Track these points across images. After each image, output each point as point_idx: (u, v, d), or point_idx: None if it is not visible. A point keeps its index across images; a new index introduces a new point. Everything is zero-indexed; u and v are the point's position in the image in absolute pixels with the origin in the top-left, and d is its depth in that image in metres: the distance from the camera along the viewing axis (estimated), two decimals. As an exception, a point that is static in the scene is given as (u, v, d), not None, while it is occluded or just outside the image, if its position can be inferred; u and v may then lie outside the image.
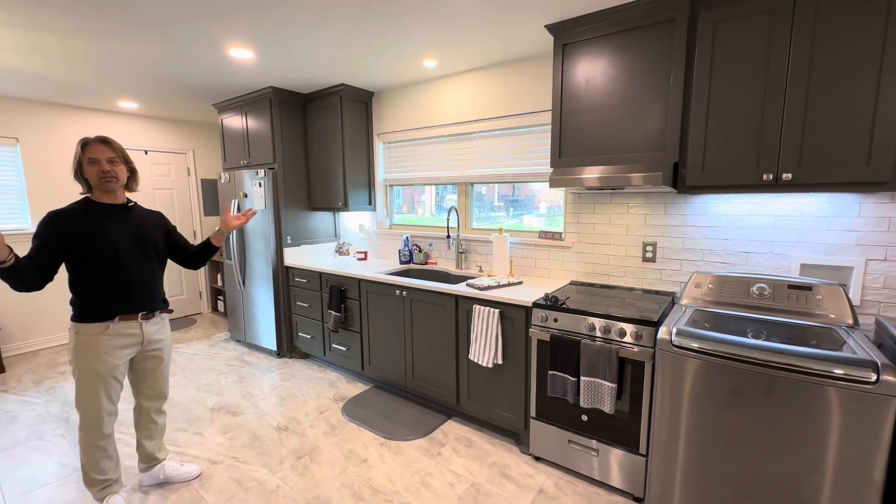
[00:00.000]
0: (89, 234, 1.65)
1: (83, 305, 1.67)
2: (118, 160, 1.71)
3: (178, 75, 3.00)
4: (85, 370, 1.68)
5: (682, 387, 1.59)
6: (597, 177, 1.97)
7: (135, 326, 1.77)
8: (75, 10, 1.97)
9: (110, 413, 1.76)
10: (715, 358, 1.51)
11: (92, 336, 1.67)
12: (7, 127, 3.57)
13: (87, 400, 1.70)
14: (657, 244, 2.28)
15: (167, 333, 1.94)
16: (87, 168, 1.66)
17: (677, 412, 1.62)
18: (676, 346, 1.57)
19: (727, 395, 1.50)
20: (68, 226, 1.63)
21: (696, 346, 1.54)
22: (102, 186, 1.69)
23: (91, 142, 1.67)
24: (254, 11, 2.01)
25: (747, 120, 1.71)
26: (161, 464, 2.02)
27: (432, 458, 2.22)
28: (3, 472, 2.13)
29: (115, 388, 1.76)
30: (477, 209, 3.12)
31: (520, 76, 2.68)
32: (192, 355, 3.69)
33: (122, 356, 1.75)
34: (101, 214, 1.70)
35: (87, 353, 1.67)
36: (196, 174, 4.86)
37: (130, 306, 1.74)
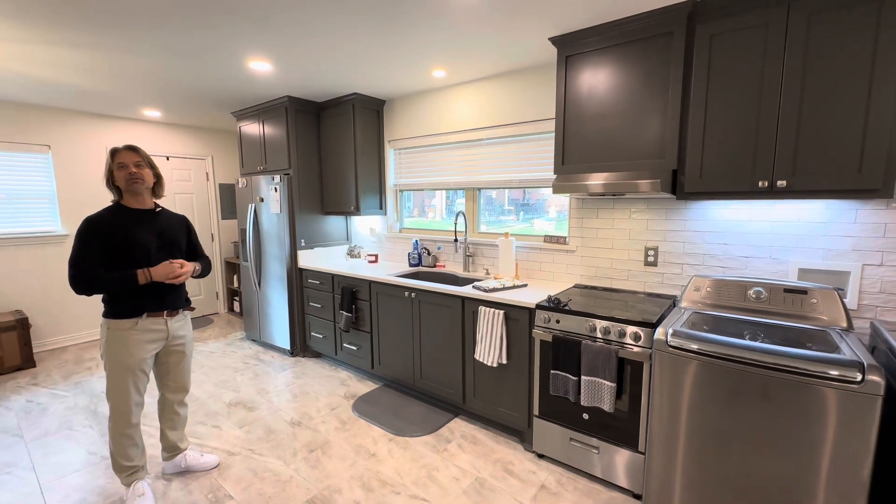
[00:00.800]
0: (121, 236, 1.78)
1: (114, 303, 1.80)
2: (144, 165, 1.85)
3: (200, 86, 3.16)
4: (115, 363, 1.81)
5: (680, 387, 1.65)
6: (598, 183, 2.04)
7: (160, 323, 1.89)
8: (106, 28, 2.12)
9: (137, 404, 1.89)
10: (710, 358, 1.57)
11: (122, 331, 1.80)
12: (40, 135, 3.78)
13: (116, 391, 1.83)
14: (659, 248, 2.34)
15: (189, 330, 2.06)
16: (116, 174, 1.80)
17: (675, 412, 1.68)
18: (672, 346, 1.64)
19: (724, 395, 1.56)
20: (103, 228, 1.76)
21: (692, 347, 1.60)
22: (130, 188, 1.82)
23: (120, 149, 1.81)
24: (276, 29, 2.14)
25: (743, 128, 1.77)
26: (183, 453, 2.14)
27: (439, 453, 2.30)
28: (36, 459, 2.28)
29: (143, 381, 1.89)
30: (487, 213, 3.20)
31: (525, 85, 2.77)
32: (209, 353, 3.84)
33: (148, 350, 1.88)
34: (131, 218, 1.83)
35: (117, 347, 1.80)
36: (214, 179, 5.05)
37: (157, 304, 1.87)
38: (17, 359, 3.47)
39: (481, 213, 3.24)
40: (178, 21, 2.05)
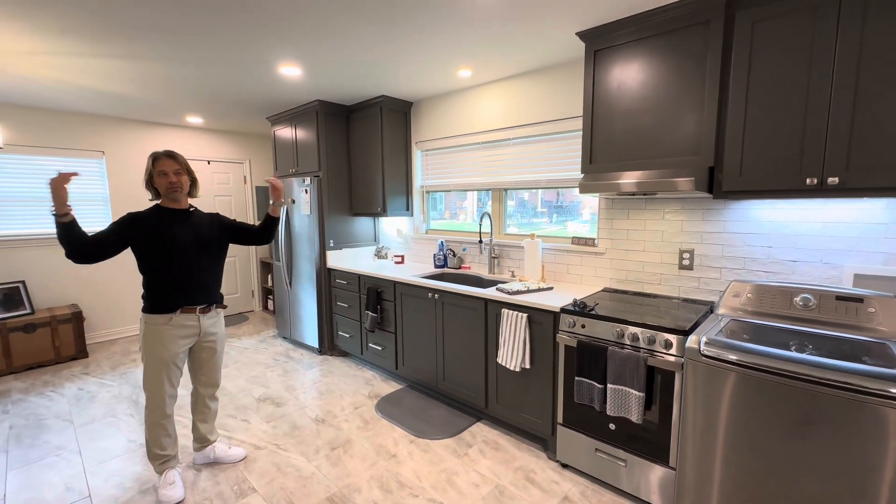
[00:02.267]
0: (159, 236, 1.87)
1: (151, 299, 1.89)
2: (182, 171, 1.94)
3: (236, 93, 3.29)
4: (151, 356, 1.90)
5: (716, 400, 1.54)
6: (628, 182, 1.95)
7: (193, 319, 1.97)
8: (150, 40, 2.25)
9: (171, 396, 1.97)
10: (750, 370, 1.45)
11: (158, 326, 1.89)
12: (95, 141, 4.07)
13: (152, 383, 1.92)
14: (694, 251, 2.20)
15: (221, 327, 2.14)
16: (156, 179, 1.90)
17: (711, 427, 1.56)
18: (706, 356, 1.52)
19: (766, 410, 1.43)
20: (140, 228, 1.86)
21: (729, 357, 1.48)
22: (170, 195, 1.92)
23: (160, 156, 1.91)
24: (304, 36, 2.19)
25: (789, 122, 1.63)
26: (212, 445, 2.22)
27: (459, 458, 2.26)
28: (83, 443, 2.43)
29: (176, 374, 1.97)
30: (519, 215, 3.12)
31: (552, 83, 2.70)
32: (243, 349, 3.99)
33: (182, 345, 1.96)
34: (168, 219, 1.92)
35: (153, 340, 1.89)
36: (252, 182, 5.25)
37: (190, 300, 1.95)
38: (73, 349, 3.73)
39: (511, 216, 3.18)
40: (214, 31, 2.14)
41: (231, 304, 5.20)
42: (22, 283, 3.70)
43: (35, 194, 3.82)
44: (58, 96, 3.35)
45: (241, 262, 5.26)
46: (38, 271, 3.84)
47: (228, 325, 4.75)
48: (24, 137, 3.70)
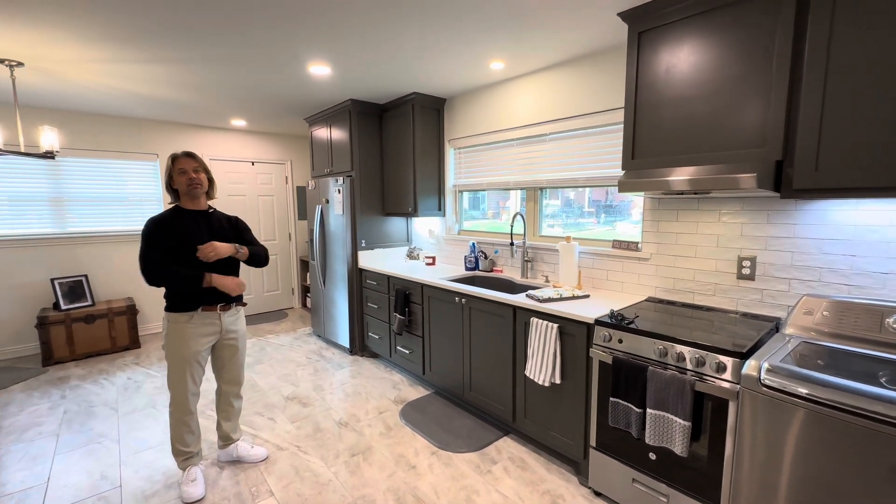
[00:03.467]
0: (179, 235, 1.89)
1: (173, 297, 1.92)
2: (200, 170, 1.95)
3: (272, 94, 3.34)
4: (174, 354, 1.92)
5: (779, 437, 1.29)
6: (675, 179, 1.71)
7: (214, 317, 1.98)
8: (194, 42, 2.29)
9: (194, 393, 1.99)
10: (826, 408, 1.19)
11: (180, 324, 1.91)
12: (149, 145, 4.32)
13: (175, 380, 1.95)
14: (757, 259, 1.91)
15: (242, 325, 2.14)
16: (176, 178, 1.91)
17: (774, 466, 1.32)
18: (768, 385, 1.28)
19: (847, 454, 1.17)
20: (164, 228, 1.88)
21: (798, 391, 1.23)
22: (190, 192, 1.93)
23: (179, 156, 1.93)
24: (333, 32, 2.14)
25: (883, 105, 1.34)
26: (235, 443, 2.24)
27: (482, 474, 2.12)
28: (123, 432, 2.55)
29: (198, 372, 1.99)
30: (564, 214, 2.90)
31: (590, 73, 2.47)
32: (279, 346, 4.07)
33: (203, 343, 1.97)
34: (188, 219, 1.94)
35: (175, 338, 1.92)
36: (293, 182, 5.39)
37: (211, 299, 1.96)
38: (127, 339, 3.98)
39: (553, 216, 2.98)
40: (248, 30, 2.14)
41: (271, 301, 5.36)
42: (84, 276, 4.00)
43: (96, 195, 4.12)
44: (113, 102, 3.57)
45: (283, 260, 5.41)
46: (98, 266, 4.14)
47: (266, 321, 4.89)
48: (84, 141, 4.00)
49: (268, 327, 4.69)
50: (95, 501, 1.95)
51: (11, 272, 3.76)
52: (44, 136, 2.78)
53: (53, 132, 2.80)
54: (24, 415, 2.77)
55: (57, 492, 2.02)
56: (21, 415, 2.77)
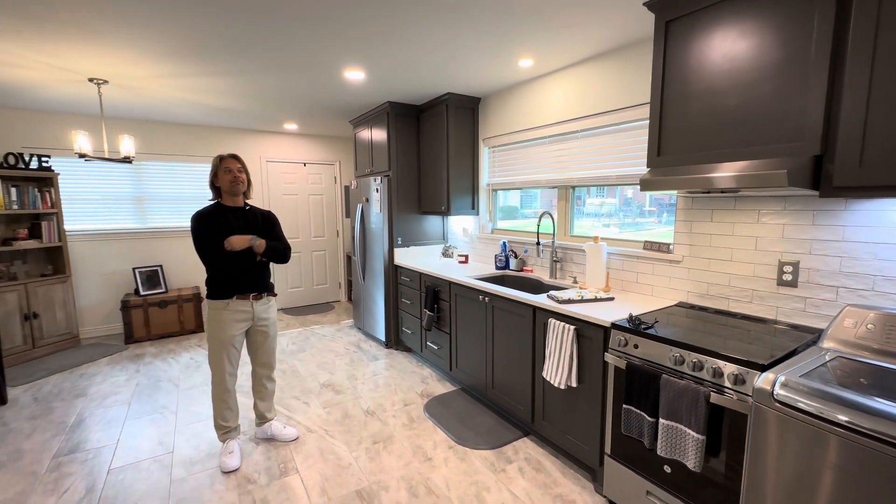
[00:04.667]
0: (221, 228, 2.10)
1: (211, 286, 2.13)
2: (243, 170, 2.14)
3: (316, 99, 3.55)
4: (212, 338, 2.14)
5: (793, 459, 1.18)
6: (698, 177, 1.60)
7: (247, 305, 2.17)
8: (246, 55, 2.52)
9: (231, 373, 2.20)
10: (839, 429, 1.07)
11: (217, 311, 2.12)
12: (215, 149, 4.78)
13: (214, 361, 2.16)
14: (800, 264, 1.73)
15: (273, 313, 2.32)
16: (221, 176, 2.11)
17: (784, 490, 1.21)
18: (780, 401, 1.17)
19: (866, 486, 1.05)
20: (208, 221, 2.10)
21: (811, 407, 1.12)
22: (232, 189, 2.13)
23: (226, 156, 2.14)
24: (366, 39, 2.25)
25: (939, 90, 1.17)
26: (269, 423, 2.43)
27: (495, 472, 2.13)
28: (181, 405, 2.87)
29: (234, 355, 2.19)
30: (622, 214, 2.73)
31: (619, 67, 2.37)
32: (322, 336, 4.33)
33: (237, 328, 2.17)
34: (227, 214, 2.14)
35: (214, 324, 2.13)
36: (341, 182, 5.67)
37: (244, 288, 2.15)
38: (193, 324, 4.45)
39: (610, 214, 2.90)
40: (291, 42, 2.32)
41: (319, 293, 5.69)
42: (160, 266, 4.52)
43: (170, 194, 4.63)
44: (181, 111, 4.00)
45: (330, 255, 5.73)
46: (171, 258, 4.66)
47: (313, 313, 5.20)
48: (159, 147, 4.50)
49: (314, 318, 4.99)
50: (151, 463, 2.23)
51: (103, 262, 4.35)
52: (123, 144, 3.20)
53: (130, 140, 3.21)
54: (107, 384, 3.21)
55: (123, 452, 2.34)
56: (104, 384, 3.21)
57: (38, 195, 3.75)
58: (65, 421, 2.67)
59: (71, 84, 3.04)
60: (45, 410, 2.81)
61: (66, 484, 2.07)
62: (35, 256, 3.95)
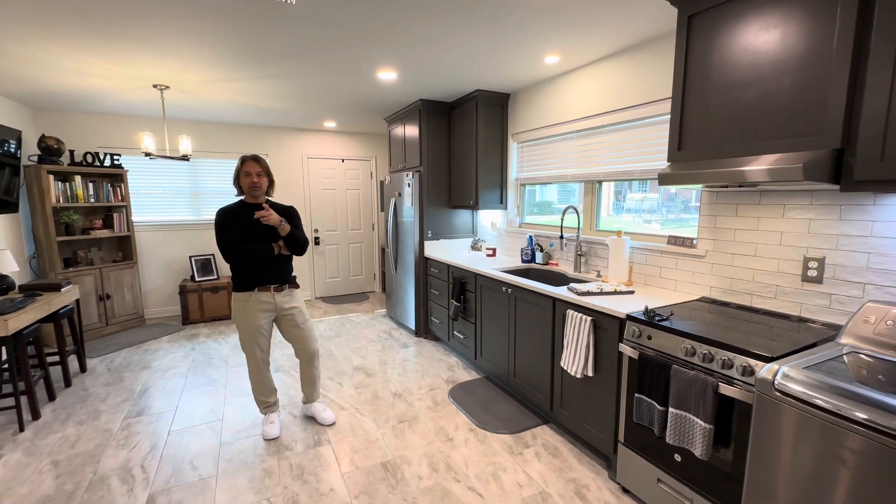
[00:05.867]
0: (243, 224, 2.25)
1: (236, 279, 2.31)
2: (263, 174, 2.27)
3: (353, 98, 3.75)
4: (241, 326, 2.33)
5: (792, 449, 1.20)
6: (714, 171, 1.62)
7: (268, 296, 2.32)
8: (290, 60, 2.74)
9: (261, 358, 2.38)
10: (841, 420, 1.09)
11: (242, 302, 2.31)
12: (260, 147, 5.12)
13: (246, 348, 2.36)
14: (825, 260, 1.70)
15: (297, 303, 2.42)
16: (242, 178, 2.26)
17: (776, 481, 1.23)
18: (780, 391, 1.20)
19: (867, 478, 1.07)
20: (232, 218, 2.25)
21: (804, 397, 1.14)
22: (251, 193, 2.27)
23: (247, 159, 2.26)
24: (399, 43, 2.39)
25: (965, 81, 1.14)
26: (312, 403, 2.60)
27: (512, 455, 2.23)
28: (229, 381, 3.16)
29: (262, 341, 2.36)
30: (665, 209, 2.66)
31: (644, 62, 2.37)
32: (356, 323, 4.57)
33: (262, 318, 2.33)
34: (248, 212, 2.27)
35: (240, 313, 2.32)
36: (376, 177, 5.89)
37: (265, 280, 2.30)
38: (240, 309, 4.82)
39: (652, 210, 2.91)
40: (329, 47, 2.50)
41: (355, 284, 5.96)
42: (212, 255, 4.92)
43: (221, 188, 5.02)
44: (232, 112, 4.33)
45: (366, 247, 5.98)
46: (222, 247, 5.06)
47: (349, 302, 5.47)
48: (212, 145, 4.89)
49: (350, 307, 5.25)
50: (205, 428, 2.51)
51: (165, 250, 4.80)
52: (182, 143, 3.53)
53: (188, 139, 3.54)
54: (167, 359, 3.59)
55: (181, 417, 2.64)
56: (165, 359, 3.59)
57: (110, 190, 4.21)
58: (133, 388, 3.03)
59: (138, 90, 3.39)
60: (116, 379, 3.19)
61: (134, 441, 2.38)
62: (108, 244, 4.44)
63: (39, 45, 2.41)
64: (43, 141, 3.75)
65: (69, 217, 3.94)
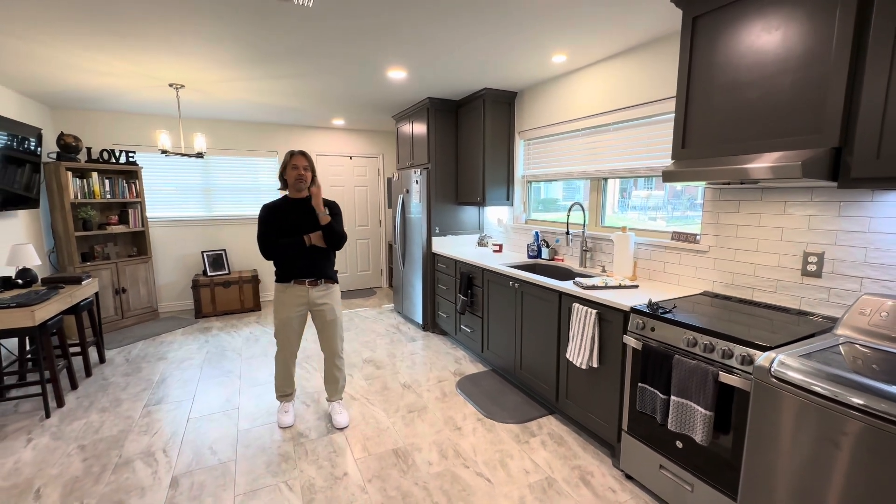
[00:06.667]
0: (287, 219, 2.35)
1: (277, 271, 2.42)
2: (309, 168, 2.36)
3: (362, 97, 3.82)
4: (275, 316, 2.43)
5: (788, 433, 1.27)
6: (715, 169, 1.67)
7: (303, 290, 2.41)
8: (302, 61, 2.82)
9: (290, 350, 2.46)
10: (836, 405, 1.15)
11: (279, 292, 2.41)
12: (271, 144, 5.21)
13: (278, 335, 2.45)
14: (825, 255, 1.76)
15: (332, 300, 2.48)
16: (289, 171, 2.35)
17: (773, 464, 1.30)
18: (776, 377, 1.26)
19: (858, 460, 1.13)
20: (274, 214, 2.36)
21: (800, 383, 1.20)
22: (296, 186, 2.36)
23: (296, 153, 2.35)
24: (408, 43, 2.46)
25: (957, 82, 1.19)
26: (331, 402, 2.61)
27: (519, 443, 2.31)
28: (244, 372, 3.26)
29: (293, 333, 2.43)
30: (671, 207, 2.70)
31: (650, 61, 2.42)
32: (364, 318, 4.66)
33: (295, 310, 2.42)
34: (292, 207, 2.38)
35: (277, 303, 2.42)
36: (384, 174, 5.97)
37: (301, 274, 2.39)
38: (251, 303, 4.93)
39: (656, 207, 2.97)
40: (341, 47, 2.57)
41: (363, 279, 6.05)
42: (224, 251, 5.03)
43: (233, 185, 5.12)
44: (244, 110, 4.41)
45: (373, 243, 6.06)
46: (233, 243, 5.17)
47: (357, 297, 5.56)
48: (224, 143, 4.98)
49: (357, 302, 5.34)
50: (222, 415, 2.61)
51: (178, 245, 4.91)
52: (197, 141, 3.62)
53: (203, 137, 3.63)
54: (182, 351, 3.69)
55: (199, 405, 2.74)
56: (180, 351, 3.70)
57: (125, 186, 4.32)
58: (151, 378, 3.14)
59: (154, 89, 3.48)
60: (135, 369, 3.30)
61: (155, 427, 2.48)
62: (123, 239, 4.55)
63: (61, 46, 2.50)
64: (62, 139, 3.85)
65: (86, 213, 4.05)
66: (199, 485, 1.99)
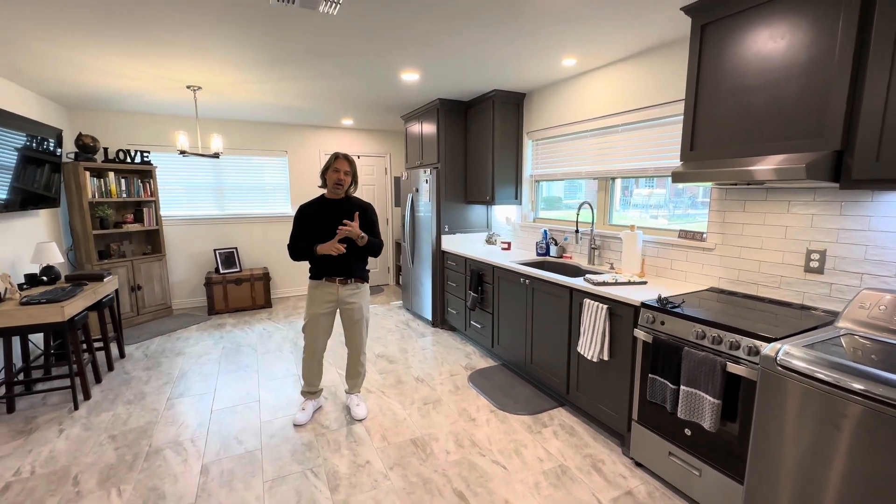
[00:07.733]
0: (318, 219, 2.42)
1: (311, 268, 2.50)
2: (350, 173, 2.42)
3: (374, 98, 3.90)
4: (307, 310, 2.51)
5: (792, 419, 1.36)
6: (723, 170, 1.76)
7: (332, 288, 2.48)
8: (315, 63, 2.90)
9: (318, 345, 2.54)
10: (839, 391, 1.25)
11: (311, 289, 2.49)
12: (281, 144, 5.30)
13: (306, 331, 2.52)
14: (826, 252, 1.85)
15: (360, 299, 2.52)
16: (330, 173, 2.41)
17: (778, 447, 1.39)
18: (782, 365, 1.35)
19: (861, 443, 1.22)
20: (309, 214, 2.44)
21: (804, 370, 1.29)
22: (333, 189, 2.43)
23: (339, 156, 2.41)
24: (422, 48, 2.54)
25: (951, 91, 1.28)
26: (350, 395, 2.71)
27: (532, 434, 2.40)
28: (260, 366, 3.36)
29: (321, 328, 2.50)
30: (672, 205, 2.78)
31: (658, 65, 2.50)
32: (374, 314, 4.75)
33: (325, 307, 2.48)
34: (327, 207, 2.44)
35: (308, 299, 2.50)
36: (391, 173, 6.05)
37: (330, 272, 2.46)
38: (262, 300, 5.02)
39: (659, 206, 3.06)
40: (356, 51, 2.66)
41: (371, 277, 6.14)
42: (235, 248, 5.12)
43: (244, 184, 5.21)
44: (257, 111, 4.50)
45: (380, 242, 6.15)
46: (245, 241, 5.26)
47: (367, 294, 5.65)
48: (237, 143, 5.07)
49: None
50: (244, 408, 2.70)
51: (190, 243, 5.00)
52: (213, 141, 3.71)
53: (219, 138, 3.71)
54: (198, 346, 3.79)
55: (220, 397, 2.83)
56: (197, 346, 3.80)
57: (140, 185, 4.40)
58: (171, 372, 3.23)
59: (171, 90, 3.57)
60: (154, 364, 3.40)
61: (181, 419, 2.58)
62: (138, 238, 4.64)
63: (81, 49, 2.58)
64: (80, 139, 3.94)
65: (103, 211, 4.14)
66: (228, 472, 2.09)
